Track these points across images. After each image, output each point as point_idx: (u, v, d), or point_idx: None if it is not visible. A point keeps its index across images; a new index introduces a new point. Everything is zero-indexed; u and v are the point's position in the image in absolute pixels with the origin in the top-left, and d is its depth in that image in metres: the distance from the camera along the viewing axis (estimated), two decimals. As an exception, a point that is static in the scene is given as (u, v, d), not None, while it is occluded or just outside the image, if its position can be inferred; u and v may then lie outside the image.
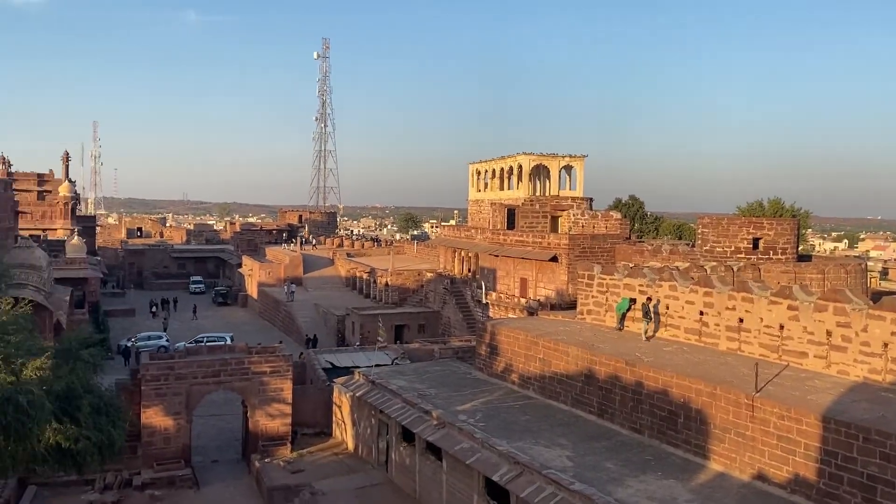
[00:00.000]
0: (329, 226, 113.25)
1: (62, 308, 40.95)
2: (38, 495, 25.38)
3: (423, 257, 74.15)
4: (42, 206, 75.87)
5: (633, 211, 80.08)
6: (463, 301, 51.90)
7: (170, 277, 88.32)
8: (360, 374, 29.88)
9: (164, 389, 27.36)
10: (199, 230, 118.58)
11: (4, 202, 38.05)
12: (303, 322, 56.43)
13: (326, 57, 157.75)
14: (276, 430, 28.87)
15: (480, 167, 61.28)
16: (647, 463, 18.76)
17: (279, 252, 77.22)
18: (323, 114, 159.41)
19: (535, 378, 25.40)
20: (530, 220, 51.52)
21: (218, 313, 69.34)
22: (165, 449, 27.36)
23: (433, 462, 23.08)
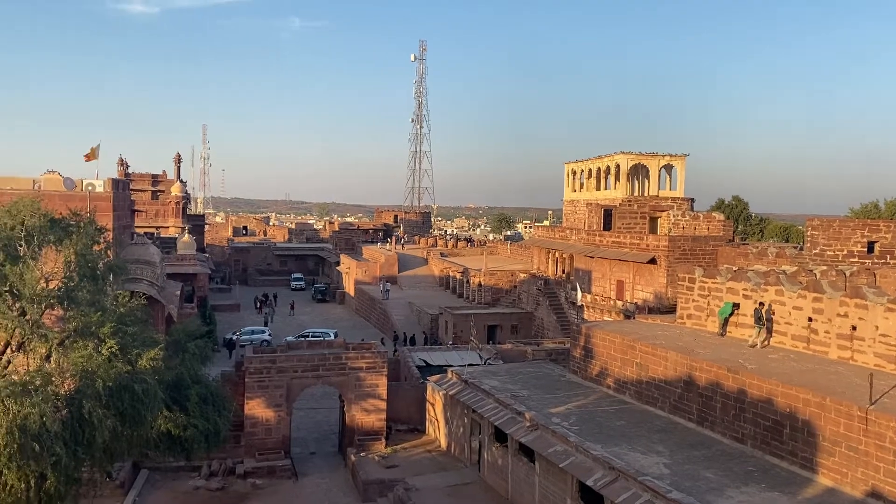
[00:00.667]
0: (423, 226, 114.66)
1: (173, 302, 43.24)
2: (149, 479, 26.93)
3: (516, 258, 73.89)
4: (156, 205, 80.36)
5: (736, 212, 77.17)
6: (557, 303, 51.38)
7: (272, 274, 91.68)
8: (453, 372, 30.09)
9: (266, 382, 28.43)
10: (300, 229, 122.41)
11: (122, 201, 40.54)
12: (397, 319, 57.36)
13: (423, 59, 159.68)
14: (371, 425, 29.47)
15: (576, 167, 60.49)
16: (750, 474, 18.01)
17: (375, 251, 78.79)
18: (419, 115, 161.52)
19: (631, 383, 24.85)
20: (628, 220, 50.41)
21: (316, 309, 71.47)
22: (266, 439, 28.42)
23: (526, 464, 22.97)
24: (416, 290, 68.05)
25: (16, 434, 13.17)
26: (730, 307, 24.77)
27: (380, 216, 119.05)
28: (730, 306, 24.78)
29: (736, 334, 24.59)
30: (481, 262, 67.04)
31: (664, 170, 54.99)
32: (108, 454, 16.74)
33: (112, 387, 15.33)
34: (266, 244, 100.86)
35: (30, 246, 17.13)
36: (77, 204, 25.29)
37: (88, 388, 14.89)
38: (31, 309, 16.18)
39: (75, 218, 18.84)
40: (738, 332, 24.54)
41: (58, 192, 32.05)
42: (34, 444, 13.39)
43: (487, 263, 66.09)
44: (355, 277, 71.55)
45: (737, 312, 24.62)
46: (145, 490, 26.05)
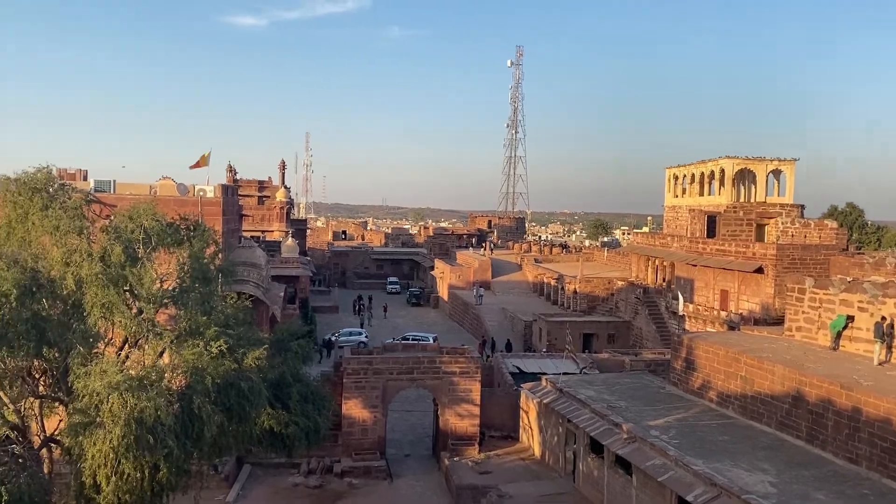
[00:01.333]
0: (517, 231, 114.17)
1: (277, 303, 44.80)
2: (252, 473, 27.99)
3: (613, 265, 72.42)
4: (261, 210, 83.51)
5: (850, 220, 72.98)
6: (656, 312, 50.01)
7: (369, 277, 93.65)
8: (547, 381, 29.79)
9: (363, 383, 29.03)
10: (396, 234, 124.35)
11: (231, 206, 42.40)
12: (490, 325, 57.31)
13: (519, 64, 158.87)
14: (464, 430, 29.57)
15: (678, 171, 58.76)
16: (865, 497, 16.96)
17: (469, 256, 79.06)
18: (514, 120, 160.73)
19: (735, 397, 23.88)
20: (733, 227, 48.48)
21: (411, 313, 72.42)
22: (363, 440, 29.01)
23: (622, 476, 22.45)
24: (509, 296, 67.81)
25: (133, 426, 13.95)
26: (843, 320, 23.42)
27: (474, 221, 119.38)
28: (843, 319, 23.43)
29: (850, 349, 23.23)
30: (577, 269, 66.09)
31: (772, 175, 52.62)
32: (215, 448, 17.47)
33: (220, 384, 16.01)
34: (363, 248, 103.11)
35: (147, 248, 18.17)
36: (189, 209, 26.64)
37: (198, 385, 15.61)
38: (147, 308, 17.15)
39: (188, 222, 19.83)
40: (853, 346, 23.17)
41: (172, 197, 33.81)
42: (149, 436, 14.14)
43: (583, 270, 65.09)
44: (449, 282, 72.02)
45: (851, 326, 23.24)
46: (248, 484, 27.10)
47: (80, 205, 19.61)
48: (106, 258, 17.04)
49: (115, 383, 14.10)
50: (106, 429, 13.92)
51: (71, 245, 17.45)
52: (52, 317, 16.21)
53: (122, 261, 17.02)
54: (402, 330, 59.61)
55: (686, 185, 58.06)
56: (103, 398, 14.06)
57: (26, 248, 18.34)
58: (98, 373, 14.47)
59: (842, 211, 75.16)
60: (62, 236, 18.02)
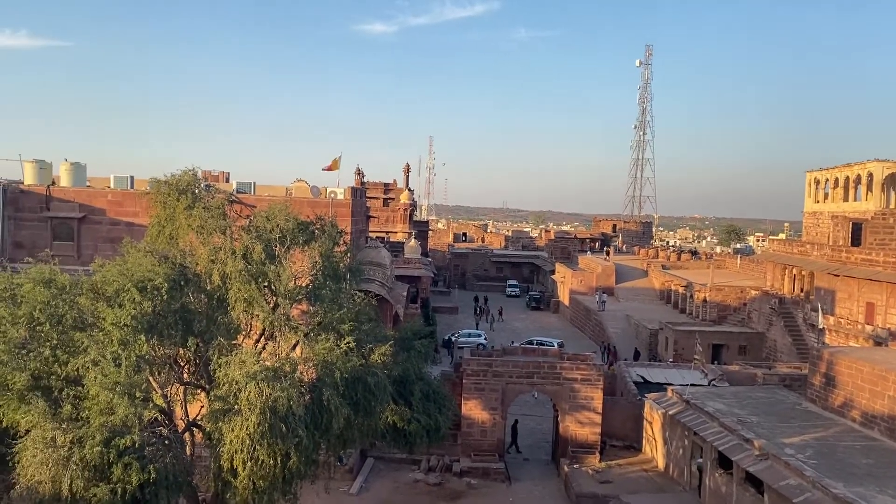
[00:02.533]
0: (643, 236, 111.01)
1: (400, 302, 45.86)
2: (374, 467, 28.82)
3: (746, 273, 68.95)
4: (386, 212, 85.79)
5: None
6: (793, 323, 47.20)
7: (489, 280, 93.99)
8: (673, 391, 28.81)
9: (482, 385, 29.21)
10: (516, 237, 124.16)
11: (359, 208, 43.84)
12: (613, 332, 56.06)
13: (649, 64, 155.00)
14: (585, 438, 29.11)
15: (820, 175, 55.34)
16: None
17: (592, 260, 77.68)
18: (642, 121, 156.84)
19: (881, 417, 22.16)
20: (882, 236, 44.96)
21: (530, 317, 72.02)
22: (482, 441, 29.18)
23: (753, 495, 21.34)
24: (633, 303, 66.06)
25: (267, 414, 14.71)
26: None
27: (597, 225, 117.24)
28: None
29: None
30: (707, 276, 63.43)
31: (928, 179, 48.47)
32: (341, 440, 18.13)
33: (348, 378, 16.60)
34: (483, 250, 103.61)
35: (283, 246, 19.12)
36: (321, 210, 27.79)
37: (328, 378, 16.25)
38: (283, 303, 18.04)
39: (321, 222, 20.70)
40: None
41: (306, 198, 35.39)
42: (282, 424, 14.85)
43: (714, 278, 62.39)
44: (570, 287, 71.06)
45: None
46: (370, 477, 27.91)
47: (222, 205, 20.95)
48: (248, 256, 18.08)
49: (252, 373, 14.93)
50: (243, 416, 14.74)
51: (216, 243, 18.65)
52: (199, 309, 17.37)
53: (262, 258, 18.00)
54: (521, 333, 59.42)
55: (829, 190, 54.54)
56: (241, 387, 14.91)
57: (175, 245, 19.79)
58: (237, 363, 15.36)
59: None
60: (207, 235, 19.31)
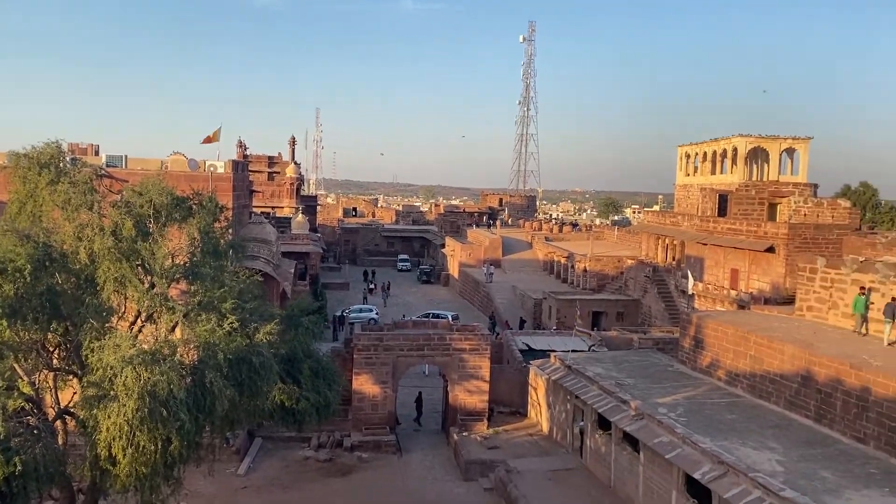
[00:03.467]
0: (528, 209, 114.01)
1: (288, 279, 45.06)
2: (263, 447, 28.36)
3: (623, 243, 72.27)
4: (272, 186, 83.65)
5: (864, 199, 72.29)
6: (666, 290, 49.96)
7: (380, 255, 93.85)
8: (556, 358, 29.91)
9: (373, 359, 29.26)
10: (407, 211, 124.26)
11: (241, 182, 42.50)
12: (500, 303, 57.44)
13: (532, 40, 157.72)
14: (473, 406, 29.80)
15: (690, 150, 58.37)
16: (872, 476, 17.01)
17: (479, 234, 79.03)
18: (526, 97, 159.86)
19: (744, 375, 23.91)
20: (744, 206, 48.18)
21: (421, 290, 72.62)
22: (373, 415, 29.30)
23: (630, 453, 22.59)
24: (519, 274, 67.85)
25: (146, 399, 14.12)
26: (862, 301, 22.83)
27: (485, 199, 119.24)
28: (861, 298, 22.87)
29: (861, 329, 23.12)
30: (587, 247, 66.00)
31: (785, 154, 52.20)
32: (226, 422, 17.68)
33: (232, 358, 16.15)
34: (374, 225, 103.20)
35: (158, 223, 18.26)
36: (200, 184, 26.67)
37: (210, 360, 15.75)
38: (159, 283, 17.29)
39: (198, 197, 19.89)
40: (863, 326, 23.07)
41: (183, 172, 33.91)
42: (162, 409, 14.30)
43: (593, 248, 65.00)
44: (459, 260, 72.10)
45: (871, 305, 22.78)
46: (259, 457, 27.46)
47: (89, 179, 19.71)
48: (118, 232, 17.16)
49: (128, 357, 14.26)
50: (120, 402, 14.09)
51: (82, 220, 17.57)
52: (66, 291, 16.37)
53: (133, 235, 17.13)
54: (412, 307, 59.82)
55: (698, 164, 57.70)
56: (117, 372, 14.22)
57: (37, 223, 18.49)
58: (111, 347, 14.63)
59: (855, 190, 74.45)
60: (73, 211, 18.14)
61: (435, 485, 25.80)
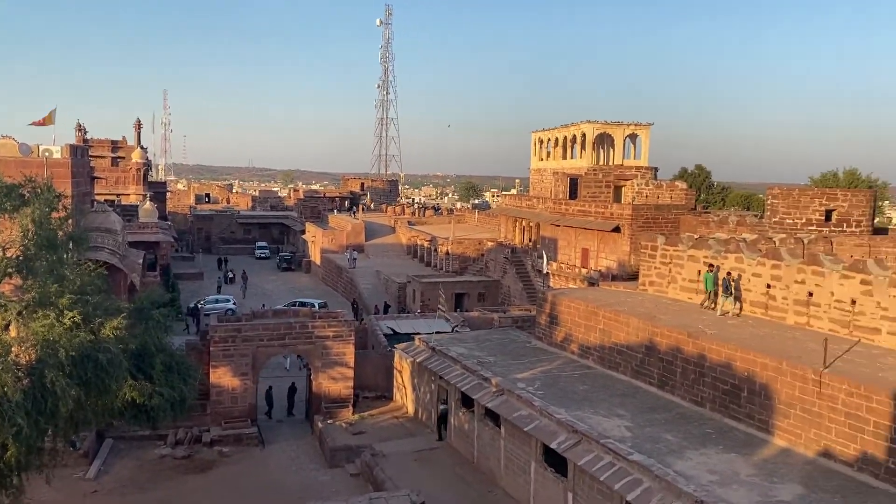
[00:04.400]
0: (390, 194, 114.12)
1: (135, 270, 42.62)
2: (114, 448, 26.78)
3: (483, 226, 74.10)
4: (116, 172, 78.62)
5: (699, 181, 78.16)
6: (523, 270, 51.81)
7: (236, 242, 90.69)
8: (420, 340, 30.28)
9: (231, 351, 28.32)
10: (264, 197, 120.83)
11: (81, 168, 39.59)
12: (364, 288, 57.32)
13: (389, 24, 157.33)
14: (338, 393, 29.61)
15: (543, 135, 60.61)
16: (708, 436, 18.56)
17: (341, 219, 78.33)
18: (385, 81, 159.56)
19: (595, 348, 25.29)
20: (593, 189, 50.84)
21: (281, 278, 71.01)
22: (233, 408, 28.42)
23: (491, 428, 23.33)
24: (383, 259, 67.96)
25: (-24, 405, 12.97)
26: (710, 277, 23.74)
27: (346, 184, 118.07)
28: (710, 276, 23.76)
29: (697, 300, 25.07)
30: (449, 231, 67.12)
31: (629, 139, 55.39)
32: (72, 424, 16.59)
33: (75, 356, 15.13)
34: (229, 212, 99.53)
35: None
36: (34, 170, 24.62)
37: (50, 358, 14.67)
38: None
39: (31, 184, 18.36)
40: (698, 298, 25.02)
41: (13, 157, 31.18)
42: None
43: (455, 232, 66.19)
44: (321, 246, 71.16)
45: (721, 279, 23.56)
46: (110, 459, 25.92)
47: None
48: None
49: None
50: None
51: None
52: None
53: (-46, 227, 15.57)
54: (273, 296, 58.42)
55: (550, 149, 60.06)
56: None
57: None
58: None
59: (691, 173, 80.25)
60: None
61: (299, 474, 25.46)
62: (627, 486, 16.37)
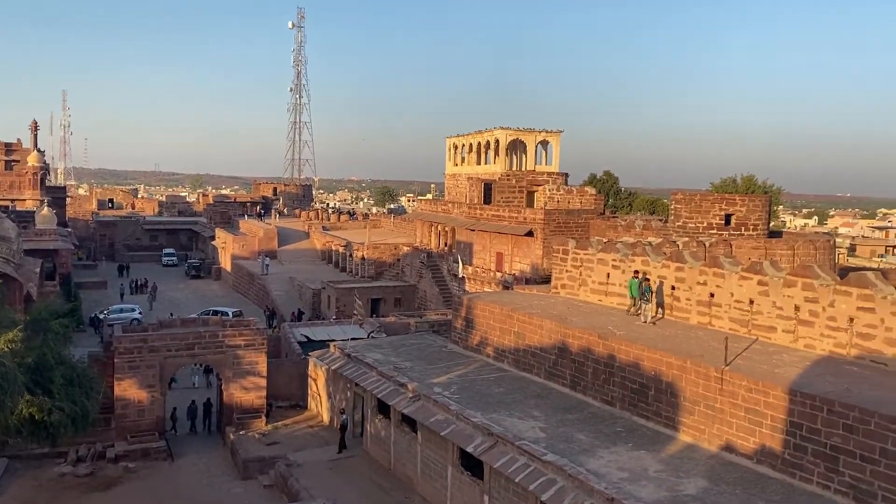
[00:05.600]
0: (304, 199, 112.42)
1: (32, 280, 40.38)
2: (9, 468, 25.22)
3: (399, 231, 74.08)
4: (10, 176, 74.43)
5: (607, 186, 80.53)
6: (439, 275, 52.05)
7: (142, 249, 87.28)
8: (335, 347, 29.94)
9: (137, 362, 27.23)
10: (172, 202, 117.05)
11: (-29, 171, 37.25)
12: (277, 295, 56.21)
13: (301, 26, 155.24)
14: (250, 403, 28.92)
15: (458, 141, 61.15)
16: (618, 434, 19.11)
17: (253, 225, 76.64)
18: (298, 84, 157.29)
19: (509, 351, 25.64)
20: (507, 194, 51.63)
21: (190, 286, 68.75)
22: (140, 421, 27.31)
23: (408, 434, 23.30)
24: (297, 265, 66.87)
25: None
26: (636, 283, 23.52)
27: (258, 189, 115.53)
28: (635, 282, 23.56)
29: (606, 302, 25.81)
30: (364, 236, 66.74)
31: (540, 145, 56.59)
32: (-40, 444, 15.57)
33: (-37, 372, 14.23)
34: (134, 218, 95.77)
35: None
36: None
37: (-65, 375, 13.74)
38: None
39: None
40: (608, 300, 25.78)
41: None
42: None
43: (370, 237, 65.87)
44: (232, 252, 69.40)
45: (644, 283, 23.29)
46: (5, 480, 24.39)
47: None
48: None
49: None
50: None
51: None
52: None
53: None
54: (182, 305, 56.53)
55: (465, 155, 60.68)
56: None
57: None
58: None
59: (600, 178, 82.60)
60: None
61: (211, 488, 24.69)
62: (542, 487, 16.67)
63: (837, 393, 15.57)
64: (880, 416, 14.33)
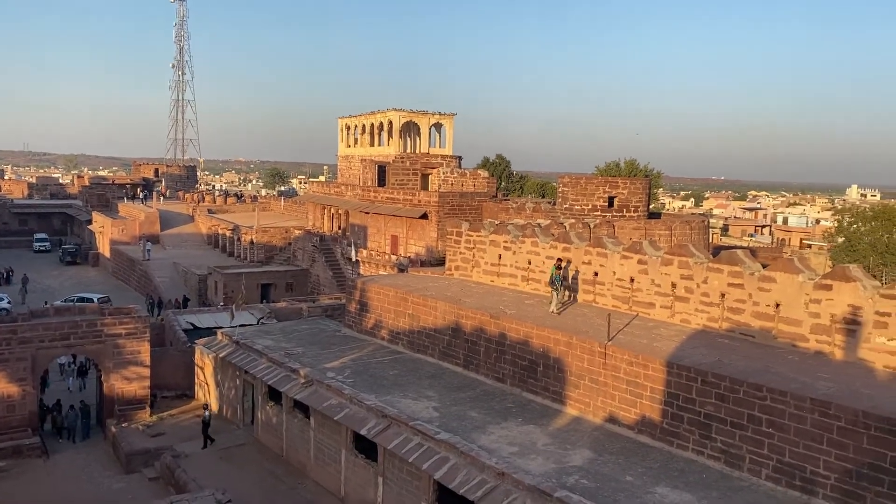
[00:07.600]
0: (188, 180, 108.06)
1: None
2: None
3: (290, 214, 72.56)
4: None
5: (500, 170, 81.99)
6: (333, 259, 51.45)
7: (10, 234, 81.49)
8: (223, 334, 29.06)
9: (6, 355, 25.48)
10: (43, 183, 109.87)
11: None
12: (160, 282, 53.91)
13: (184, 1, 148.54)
14: (133, 394, 27.68)
15: (350, 122, 60.41)
16: (509, 410, 19.58)
17: (133, 208, 73.03)
18: (180, 61, 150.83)
19: (404, 333, 25.71)
20: (401, 177, 51.51)
21: (65, 273, 64.87)
22: (10, 417, 25.59)
23: (301, 420, 22.98)
24: (181, 250, 64.36)
25: None
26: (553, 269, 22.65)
27: (138, 170, 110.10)
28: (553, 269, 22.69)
29: (498, 283, 26.30)
30: (253, 219, 64.93)
31: (434, 128, 56.76)
32: None
33: None
34: (2, 200, 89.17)
35: None
36: None
37: None
38: None
39: None
40: (500, 280, 26.28)
41: None
42: None
43: (260, 220, 64.16)
44: (111, 237, 65.93)
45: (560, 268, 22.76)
46: None
47: None
48: None
49: None
50: None
51: None
52: None
53: None
54: (56, 292, 53.28)
55: (358, 136, 60.03)
56: None
57: None
58: None
59: (492, 162, 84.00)
60: None
61: (90, 484, 23.48)
62: (435, 465, 16.87)
63: (710, 364, 16.54)
64: (748, 384, 15.35)
